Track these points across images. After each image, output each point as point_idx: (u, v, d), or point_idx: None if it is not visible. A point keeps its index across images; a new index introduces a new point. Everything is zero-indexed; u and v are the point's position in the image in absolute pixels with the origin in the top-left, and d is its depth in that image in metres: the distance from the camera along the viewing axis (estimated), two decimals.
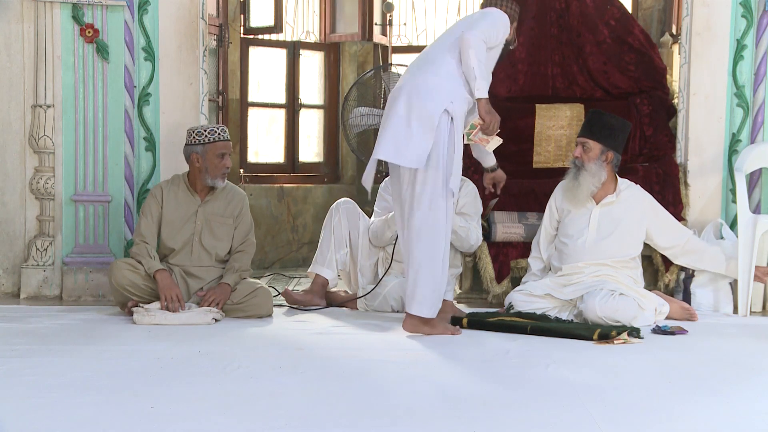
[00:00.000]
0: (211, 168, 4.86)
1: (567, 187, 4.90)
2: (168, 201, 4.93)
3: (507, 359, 3.90)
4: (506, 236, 5.42)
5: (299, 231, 7.41)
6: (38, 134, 5.35)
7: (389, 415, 3.03)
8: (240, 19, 7.32)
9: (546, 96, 6.11)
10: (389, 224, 5.09)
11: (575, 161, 4.87)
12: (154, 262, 4.78)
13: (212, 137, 4.87)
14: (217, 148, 4.86)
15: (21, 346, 4.03)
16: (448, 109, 4.31)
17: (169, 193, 4.94)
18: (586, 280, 4.80)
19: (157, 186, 5.01)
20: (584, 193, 4.83)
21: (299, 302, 5.12)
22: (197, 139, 4.87)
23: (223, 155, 4.87)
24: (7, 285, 5.51)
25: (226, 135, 4.92)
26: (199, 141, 4.87)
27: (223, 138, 4.90)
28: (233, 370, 3.60)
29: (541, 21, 6.19)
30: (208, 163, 4.86)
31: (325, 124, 7.78)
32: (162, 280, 4.71)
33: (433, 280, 4.33)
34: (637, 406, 3.18)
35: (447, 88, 4.34)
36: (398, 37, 8.03)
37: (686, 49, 5.47)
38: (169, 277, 4.75)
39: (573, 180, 4.85)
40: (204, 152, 4.86)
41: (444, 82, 4.35)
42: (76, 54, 5.36)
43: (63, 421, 2.92)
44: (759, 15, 5.36)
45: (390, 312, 5.02)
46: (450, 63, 4.39)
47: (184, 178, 4.98)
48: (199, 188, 4.95)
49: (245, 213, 5.01)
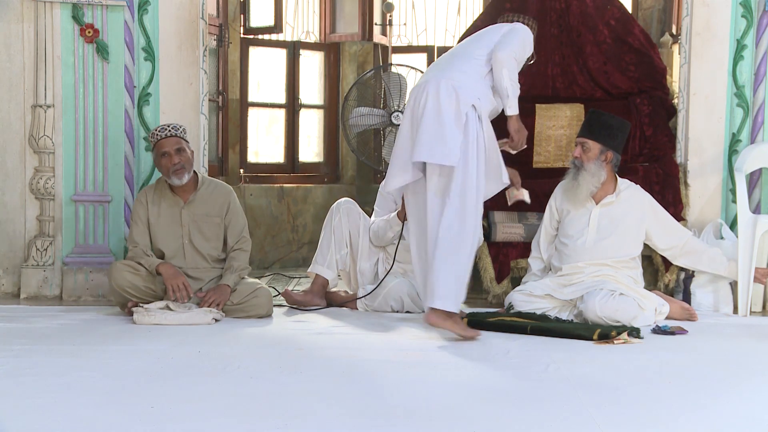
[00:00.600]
0: (162, 170, 4.85)
1: (567, 187, 4.90)
2: (153, 205, 4.90)
3: (507, 359, 3.90)
4: (506, 236, 5.42)
5: (299, 231, 7.41)
6: (38, 134, 5.35)
7: (389, 415, 3.03)
8: (240, 19, 7.32)
9: (546, 96, 6.11)
10: (391, 224, 5.09)
11: (575, 161, 4.87)
12: (153, 259, 4.77)
13: (153, 140, 4.85)
14: (159, 148, 4.81)
15: (21, 346, 4.03)
16: (475, 105, 4.35)
17: (154, 197, 4.92)
18: (586, 280, 4.80)
19: (142, 191, 5.00)
20: (584, 193, 4.83)
21: (299, 302, 5.12)
22: (149, 143, 4.89)
23: (164, 153, 4.78)
24: (7, 285, 5.51)
25: (165, 133, 4.81)
26: (151, 147, 4.92)
27: (162, 136, 4.80)
28: (233, 370, 3.60)
29: (541, 21, 6.17)
30: (157, 165, 4.87)
31: (325, 124, 7.78)
32: (166, 271, 4.70)
33: (458, 274, 4.31)
34: (637, 406, 3.18)
35: (473, 86, 4.41)
36: (398, 37, 8.03)
37: (686, 49, 5.47)
38: (172, 267, 4.74)
39: (572, 180, 4.85)
40: (154, 155, 4.87)
41: (470, 80, 4.42)
42: (76, 54, 5.36)
43: (63, 421, 2.92)
44: (759, 15, 5.36)
45: (390, 312, 5.02)
46: (477, 65, 4.47)
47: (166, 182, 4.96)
48: (179, 190, 4.90)
49: (234, 209, 4.96)
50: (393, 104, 6.70)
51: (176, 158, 4.78)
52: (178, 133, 4.84)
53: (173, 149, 4.79)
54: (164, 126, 4.86)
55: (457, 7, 8.19)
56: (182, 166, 4.80)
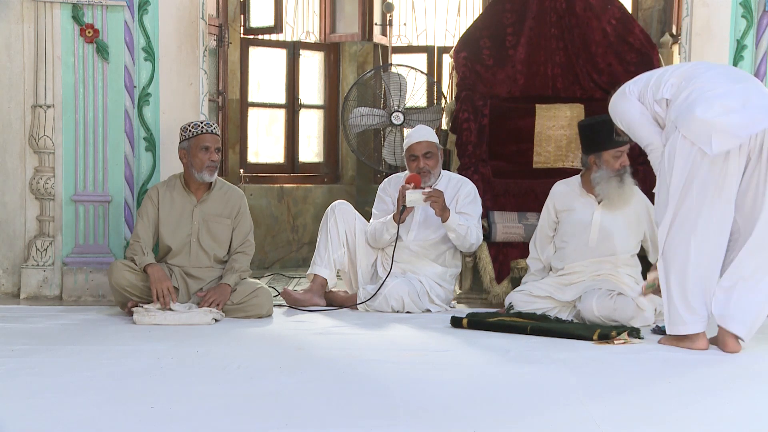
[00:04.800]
0: (196, 162, 4.84)
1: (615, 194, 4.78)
2: (164, 202, 4.92)
3: (507, 359, 3.90)
4: (506, 236, 5.42)
5: (299, 231, 7.41)
6: (38, 134, 5.35)
7: (389, 415, 3.02)
8: (240, 19, 7.33)
9: (546, 96, 6.11)
10: (387, 227, 5.09)
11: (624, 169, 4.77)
12: (146, 258, 4.77)
13: (196, 131, 4.85)
14: (201, 141, 4.83)
15: (21, 346, 4.03)
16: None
17: (165, 193, 4.94)
18: (587, 281, 4.80)
19: (153, 187, 5.01)
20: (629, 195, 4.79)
21: (299, 301, 5.12)
22: (183, 135, 4.88)
23: (206, 148, 4.82)
24: (7, 285, 5.51)
25: (211, 128, 4.88)
26: (185, 137, 4.87)
27: (208, 131, 4.86)
28: (233, 370, 3.60)
29: (541, 21, 6.19)
30: (192, 157, 4.85)
31: (325, 124, 7.79)
32: (153, 274, 4.69)
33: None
34: (637, 406, 3.18)
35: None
36: (398, 37, 8.03)
37: (686, 49, 5.47)
38: (160, 270, 4.73)
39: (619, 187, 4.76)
40: (189, 147, 4.86)
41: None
42: (76, 54, 5.36)
43: (63, 421, 2.92)
44: (759, 15, 5.36)
45: (390, 312, 5.01)
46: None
47: (180, 178, 4.98)
48: (194, 188, 4.93)
49: (244, 213, 4.99)
50: (393, 104, 6.70)
51: (215, 156, 4.85)
52: (217, 132, 4.93)
53: (214, 146, 4.85)
54: (206, 122, 4.92)
55: (457, 7, 8.19)
56: (216, 165, 4.88)
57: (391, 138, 6.70)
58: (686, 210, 3.97)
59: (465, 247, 5.15)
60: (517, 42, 6.14)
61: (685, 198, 3.96)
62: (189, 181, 4.93)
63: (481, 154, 5.86)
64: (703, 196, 3.94)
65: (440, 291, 5.15)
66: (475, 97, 6.03)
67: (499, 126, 6.00)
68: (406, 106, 6.75)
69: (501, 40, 6.20)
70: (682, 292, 4.01)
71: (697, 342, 4.06)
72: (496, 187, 5.69)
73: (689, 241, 3.97)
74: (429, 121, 6.66)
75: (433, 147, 5.18)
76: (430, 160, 5.15)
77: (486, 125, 5.96)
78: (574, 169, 5.62)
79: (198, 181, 4.88)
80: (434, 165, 5.16)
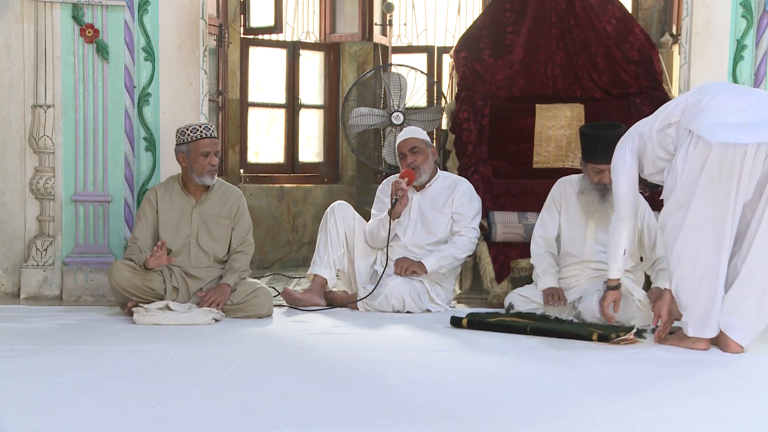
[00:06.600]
0: (196, 167, 4.84)
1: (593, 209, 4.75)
2: (162, 204, 4.92)
3: (507, 359, 3.90)
4: (506, 236, 5.42)
5: (299, 231, 7.41)
6: (38, 134, 5.35)
7: (389, 415, 3.02)
8: (240, 19, 7.33)
9: (546, 96, 6.12)
10: (383, 223, 5.10)
11: (601, 186, 4.70)
12: (143, 255, 4.77)
13: (195, 135, 4.84)
14: (200, 147, 4.82)
15: (21, 346, 4.03)
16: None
17: (164, 195, 4.93)
18: (586, 281, 4.80)
19: (152, 189, 5.01)
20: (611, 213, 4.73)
21: (299, 301, 5.12)
22: (182, 138, 4.87)
23: (207, 154, 4.83)
24: (7, 285, 5.51)
25: (209, 132, 4.87)
26: (184, 140, 4.86)
27: (206, 135, 4.85)
28: (233, 370, 3.60)
29: (541, 21, 6.20)
30: (192, 162, 4.85)
31: (325, 124, 7.79)
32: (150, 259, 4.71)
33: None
34: (637, 406, 3.18)
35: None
36: (398, 37, 8.03)
37: (686, 49, 5.47)
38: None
39: (600, 203, 4.74)
40: (188, 151, 4.85)
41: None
42: (76, 54, 5.36)
43: (63, 421, 2.92)
44: (759, 15, 5.36)
45: (390, 312, 5.01)
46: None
47: (178, 179, 4.97)
48: (193, 188, 4.93)
49: (243, 213, 4.99)
50: (393, 104, 6.70)
51: (215, 160, 4.86)
52: (215, 135, 4.93)
53: (214, 150, 4.86)
54: (205, 125, 4.90)
55: (457, 7, 8.19)
56: (216, 168, 4.90)
57: (391, 138, 6.70)
58: (696, 216, 3.96)
59: (464, 260, 5.19)
60: (517, 42, 6.14)
61: (695, 205, 3.95)
62: (187, 183, 4.93)
63: (481, 154, 5.86)
64: (714, 205, 3.92)
65: (440, 291, 5.16)
66: (475, 97, 6.03)
67: (499, 126, 6.00)
68: (406, 106, 6.75)
69: (501, 39, 6.20)
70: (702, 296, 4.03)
71: (698, 342, 4.06)
72: (496, 187, 5.69)
73: (698, 245, 3.97)
74: (429, 121, 6.67)
75: (420, 143, 5.20)
76: (418, 155, 5.17)
77: (486, 125, 5.96)
78: (574, 169, 5.62)
79: (198, 183, 4.89)
80: (423, 160, 5.18)
